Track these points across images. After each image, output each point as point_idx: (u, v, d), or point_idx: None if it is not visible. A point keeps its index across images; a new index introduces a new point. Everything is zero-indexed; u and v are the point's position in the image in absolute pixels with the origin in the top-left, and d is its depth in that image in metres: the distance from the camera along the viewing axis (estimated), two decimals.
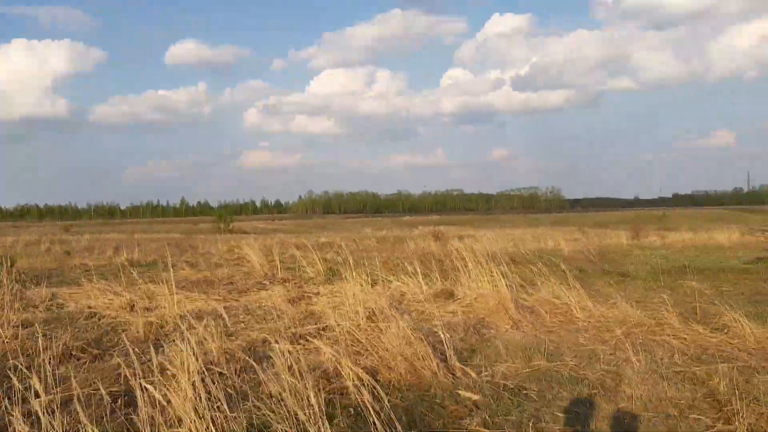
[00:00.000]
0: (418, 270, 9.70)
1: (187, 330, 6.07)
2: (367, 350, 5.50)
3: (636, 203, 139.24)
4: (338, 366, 4.91)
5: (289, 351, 5.95)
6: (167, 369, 4.57)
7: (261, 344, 6.33)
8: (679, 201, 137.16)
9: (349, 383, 4.50)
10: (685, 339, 5.80)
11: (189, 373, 4.52)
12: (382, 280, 10.20)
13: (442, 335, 5.13)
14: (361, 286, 10.68)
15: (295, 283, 11.19)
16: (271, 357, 5.90)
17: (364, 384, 4.56)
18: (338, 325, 7.11)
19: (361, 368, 4.79)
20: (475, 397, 4.26)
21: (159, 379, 4.34)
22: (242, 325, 7.62)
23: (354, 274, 11.54)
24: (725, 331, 5.79)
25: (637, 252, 17.51)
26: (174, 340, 5.91)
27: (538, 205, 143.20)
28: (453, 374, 4.79)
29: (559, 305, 7.50)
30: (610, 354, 5.51)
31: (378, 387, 4.55)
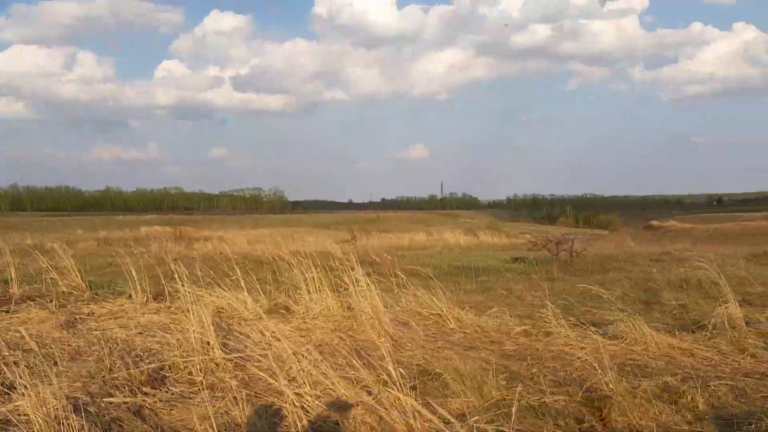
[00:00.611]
0: (241, 279, 8.12)
1: None
2: (272, 394, 4.03)
3: (351, 206, 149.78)
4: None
5: (150, 409, 4.16)
6: None
7: (89, 399, 4.29)
8: (387, 205, 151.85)
9: None
10: (584, 348, 5.60)
11: None
12: (184, 294, 8.32)
13: (390, 366, 3.98)
14: (154, 302, 8.66)
15: (59, 302, 8.49)
16: (122, 421, 4.01)
17: None
18: (185, 360, 5.34)
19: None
20: None
21: None
22: (23, 367, 5.21)
23: (138, 287, 9.34)
24: (622, 337, 5.75)
25: (406, 252, 18.08)
26: None
27: (262, 205, 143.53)
28: (425, 421, 3.70)
29: (428, 316, 6.86)
30: (535, 370, 5.02)
31: None
